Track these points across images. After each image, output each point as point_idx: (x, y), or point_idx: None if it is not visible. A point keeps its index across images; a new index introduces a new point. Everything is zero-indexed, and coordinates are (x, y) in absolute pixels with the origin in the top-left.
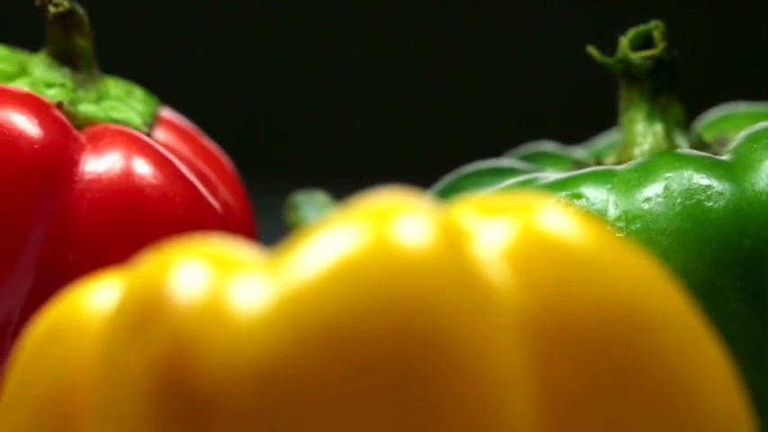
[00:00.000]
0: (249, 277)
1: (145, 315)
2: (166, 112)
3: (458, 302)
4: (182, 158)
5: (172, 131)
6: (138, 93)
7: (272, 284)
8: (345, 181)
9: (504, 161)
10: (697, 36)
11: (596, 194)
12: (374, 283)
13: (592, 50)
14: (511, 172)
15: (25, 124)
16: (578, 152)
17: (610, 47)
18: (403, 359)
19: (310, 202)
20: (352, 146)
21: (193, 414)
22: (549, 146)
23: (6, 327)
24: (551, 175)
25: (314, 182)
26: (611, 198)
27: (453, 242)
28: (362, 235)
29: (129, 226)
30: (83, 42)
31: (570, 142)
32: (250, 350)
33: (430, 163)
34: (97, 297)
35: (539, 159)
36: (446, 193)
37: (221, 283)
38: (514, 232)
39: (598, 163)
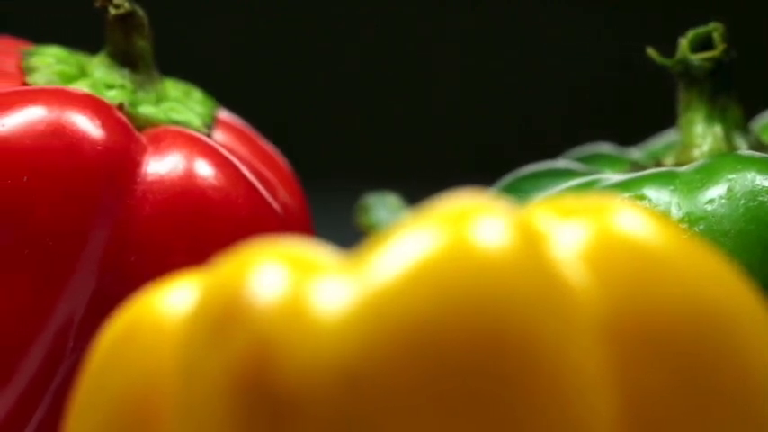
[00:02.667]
0: (329, 279)
1: (225, 317)
2: (223, 114)
3: (537, 302)
4: (241, 160)
5: (230, 133)
6: (197, 94)
7: (352, 286)
8: (345, 181)
9: (561, 163)
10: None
11: (659, 196)
12: (455, 284)
13: (651, 52)
14: (569, 174)
15: (88, 126)
16: (635, 153)
17: (610, 47)
18: (485, 359)
19: (382, 204)
20: (351, 146)
21: (276, 416)
22: (605, 147)
23: (69, 328)
24: (613, 176)
25: (314, 182)
26: (674, 200)
27: (531, 243)
28: (442, 237)
29: (192, 228)
30: (143, 44)
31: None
32: (332, 351)
33: (430, 163)
34: (173, 299)
35: (596, 161)
36: (504, 195)
37: (301, 284)
38: (591, 233)
39: (657, 164)
